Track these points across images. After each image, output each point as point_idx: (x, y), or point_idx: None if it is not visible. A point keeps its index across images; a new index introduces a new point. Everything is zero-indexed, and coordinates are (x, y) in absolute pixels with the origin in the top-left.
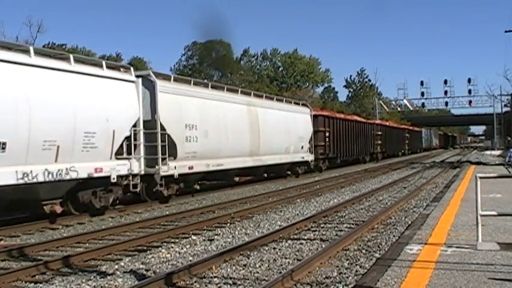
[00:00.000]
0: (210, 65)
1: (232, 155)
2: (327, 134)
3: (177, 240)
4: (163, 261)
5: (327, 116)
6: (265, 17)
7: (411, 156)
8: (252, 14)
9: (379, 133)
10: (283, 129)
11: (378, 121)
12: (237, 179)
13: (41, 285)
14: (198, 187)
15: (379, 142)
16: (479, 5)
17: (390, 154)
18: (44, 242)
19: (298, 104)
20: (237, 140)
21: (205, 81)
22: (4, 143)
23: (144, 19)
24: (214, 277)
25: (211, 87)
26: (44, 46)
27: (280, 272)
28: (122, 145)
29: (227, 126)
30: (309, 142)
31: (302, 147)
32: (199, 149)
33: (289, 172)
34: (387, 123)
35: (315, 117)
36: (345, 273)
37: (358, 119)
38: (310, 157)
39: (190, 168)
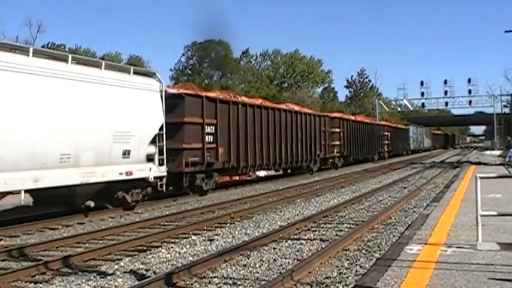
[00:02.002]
0: (210, 65)
1: None
2: (210, 130)
3: (177, 240)
4: (163, 261)
5: (210, 99)
6: (266, 17)
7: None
8: (253, 14)
9: (337, 130)
10: (60, 117)
11: (335, 114)
12: None
13: (41, 285)
14: None
15: (337, 143)
16: (479, 5)
17: (359, 159)
18: (44, 242)
19: (128, 71)
20: None
21: None
22: None
23: (144, 19)
24: (214, 277)
25: None
26: (43, 46)
27: (280, 272)
28: None
29: None
30: (153, 143)
31: (127, 152)
32: None
33: (92, 204)
34: (352, 118)
35: (171, 99)
36: (345, 273)
37: (294, 107)
38: (153, 171)
39: None
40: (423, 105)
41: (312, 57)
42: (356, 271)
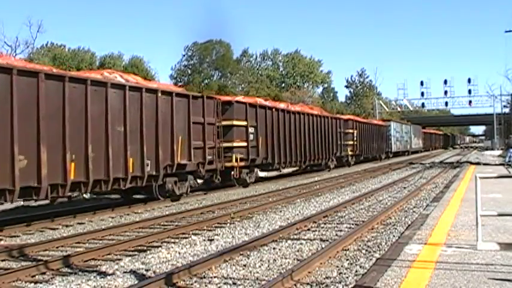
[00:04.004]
0: (210, 65)
1: None
2: None
3: (177, 240)
4: (163, 261)
5: None
6: (267, 17)
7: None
8: (253, 14)
9: (241, 124)
10: None
11: (238, 97)
12: None
13: (41, 285)
14: None
15: (242, 144)
16: (479, 5)
17: (300, 167)
18: (44, 242)
19: None
20: None
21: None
22: None
23: (144, 19)
24: (214, 277)
25: None
26: (43, 46)
27: (280, 272)
28: None
29: None
30: None
31: None
32: None
33: None
34: (282, 106)
35: None
36: (344, 273)
37: (129, 78)
38: None
39: None
40: (423, 105)
41: (312, 58)
42: (356, 271)
